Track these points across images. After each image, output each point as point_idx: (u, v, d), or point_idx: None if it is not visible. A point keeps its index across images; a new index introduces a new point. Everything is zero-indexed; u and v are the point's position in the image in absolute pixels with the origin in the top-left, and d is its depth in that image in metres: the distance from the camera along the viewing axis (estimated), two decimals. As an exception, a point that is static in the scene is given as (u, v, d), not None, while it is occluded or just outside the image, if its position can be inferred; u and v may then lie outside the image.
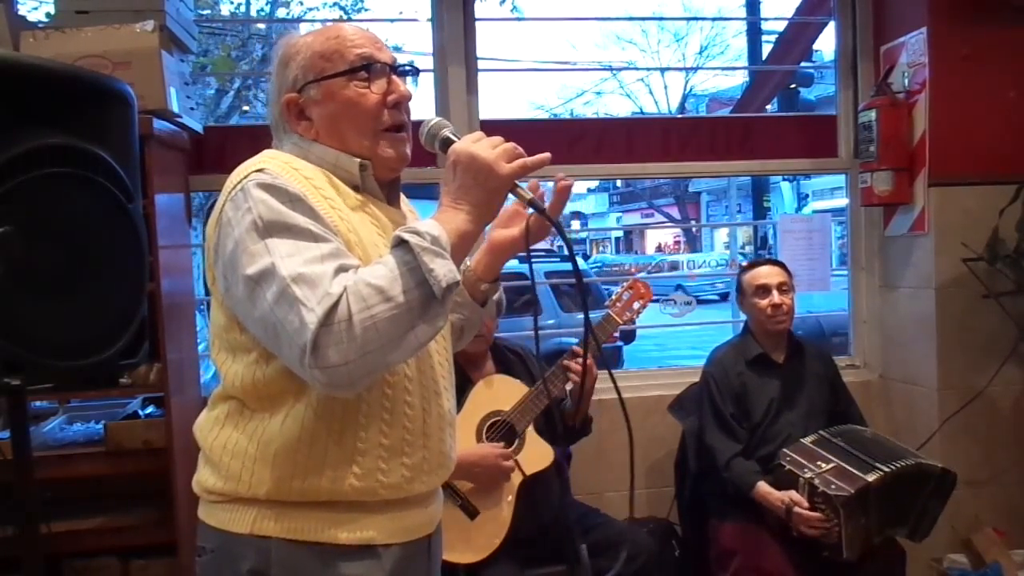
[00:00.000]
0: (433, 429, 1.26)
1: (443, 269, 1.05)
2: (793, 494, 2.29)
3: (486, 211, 1.15)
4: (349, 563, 1.18)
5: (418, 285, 1.04)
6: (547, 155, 1.19)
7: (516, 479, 2.34)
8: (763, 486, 2.37)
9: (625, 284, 2.54)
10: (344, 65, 1.22)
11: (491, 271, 1.35)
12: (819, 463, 2.31)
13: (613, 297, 2.54)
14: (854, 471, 2.26)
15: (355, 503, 1.18)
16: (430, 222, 1.10)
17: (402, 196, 1.37)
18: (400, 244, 1.07)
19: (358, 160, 1.23)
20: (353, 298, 1.02)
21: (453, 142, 1.18)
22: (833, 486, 2.23)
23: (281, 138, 1.28)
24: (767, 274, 2.59)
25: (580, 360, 2.35)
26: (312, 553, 1.17)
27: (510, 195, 1.19)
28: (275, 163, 1.18)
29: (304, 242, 1.08)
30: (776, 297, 2.54)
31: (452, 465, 1.34)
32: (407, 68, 1.29)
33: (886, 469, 2.26)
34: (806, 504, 2.26)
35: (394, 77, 1.25)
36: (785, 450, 2.40)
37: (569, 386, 2.46)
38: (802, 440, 2.42)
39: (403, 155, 1.26)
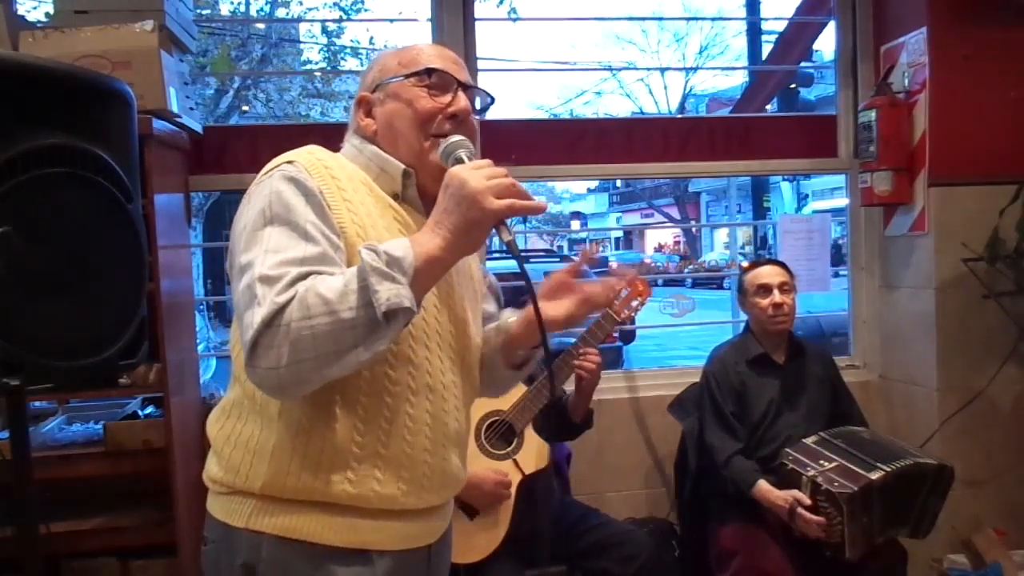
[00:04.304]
0: (437, 446, 1.24)
1: (388, 292, 1.01)
2: (796, 493, 2.28)
3: (463, 240, 1.09)
4: (339, 567, 1.18)
5: (365, 305, 1.02)
6: (544, 204, 1.18)
7: (515, 479, 2.34)
8: (763, 484, 2.36)
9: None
10: (414, 69, 1.26)
11: (530, 340, 1.34)
12: (822, 462, 2.31)
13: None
14: (857, 469, 2.26)
15: (348, 507, 1.18)
16: (400, 241, 1.08)
17: None
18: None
19: (403, 167, 1.24)
20: (298, 305, 1.02)
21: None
22: (836, 483, 2.22)
23: (348, 137, 1.32)
24: (768, 274, 2.59)
25: (588, 357, 2.38)
26: (303, 553, 1.17)
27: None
28: (308, 157, 1.20)
29: (296, 238, 1.09)
30: (777, 297, 2.54)
31: (458, 485, 1.32)
32: (481, 92, 1.31)
33: (887, 468, 2.26)
34: (809, 502, 2.25)
35: (460, 93, 1.26)
36: (787, 449, 2.39)
37: (570, 387, 2.46)
38: (804, 440, 2.42)
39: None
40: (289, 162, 1.18)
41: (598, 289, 1.30)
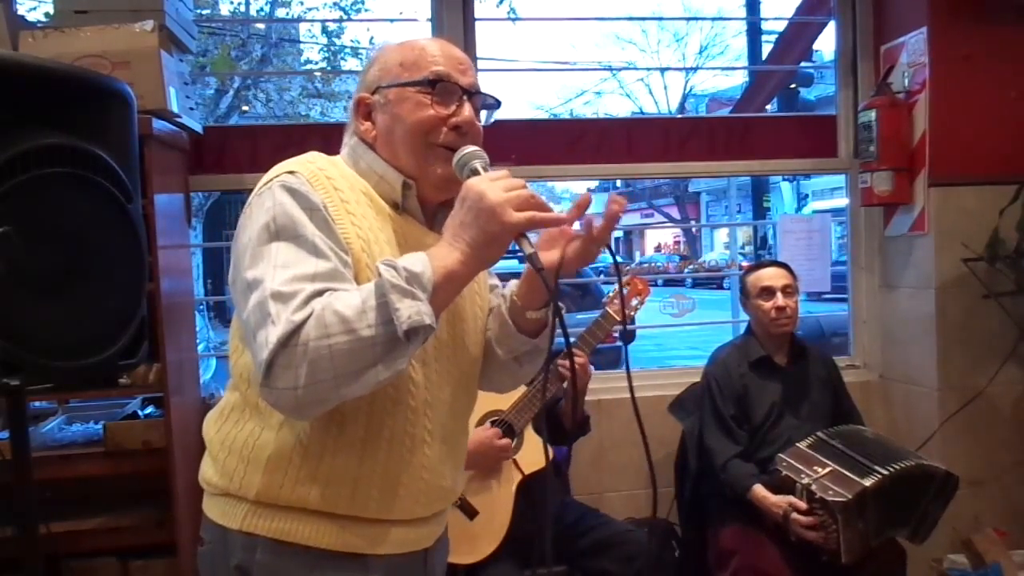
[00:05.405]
0: (434, 463, 1.23)
1: (409, 310, 0.99)
2: (791, 499, 2.28)
3: (482, 255, 1.06)
4: (334, 571, 1.17)
5: (385, 323, 1.00)
6: (564, 216, 1.13)
7: (515, 479, 2.34)
8: (759, 489, 2.36)
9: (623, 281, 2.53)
10: (417, 76, 1.20)
11: (534, 298, 1.26)
12: (816, 468, 2.29)
13: (611, 294, 2.53)
14: (851, 476, 2.24)
15: (343, 514, 1.17)
16: (418, 256, 1.05)
17: None
18: (381, 275, 1.03)
19: (403, 178, 1.21)
20: (315, 323, 1.00)
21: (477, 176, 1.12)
22: (831, 492, 2.21)
23: (347, 139, 1.28)
24: (771, 276, 2.58)
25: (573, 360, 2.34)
26: (297, 557, 1.16)
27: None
28: (310, 167, 1.16)
29: (305, 254, 1.07)
30: (780, 299, 2.53)
31: (452, 498, 1.32)
32: (487, 97, 1.26)
33: (884, 472, 2.25)
34: (804, 507, 2.25)
35: (465, 101, 1.21)
36: (781, 455, 2.38)
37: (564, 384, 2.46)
38: (798, 444, 2.40)
39: (451, 176, 1.17)
40: (290, 172, 1.14)
41: (594, 231, 1.19)
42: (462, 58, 1.25)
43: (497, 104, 1.29)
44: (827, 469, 2.28)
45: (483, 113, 1.28)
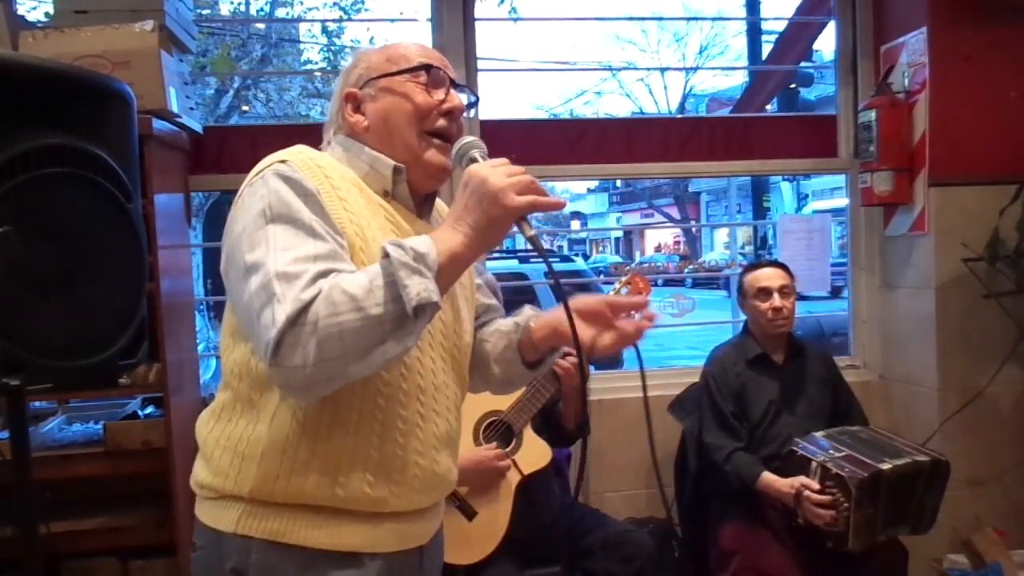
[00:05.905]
0: (428, 448, 1.23)
1: (418, 287, 1.02)
2: (803, 479, 2.29)
3: (485, 237, 1.10)
4: (330, 570, 1.17)
5: (393, 300, 1.02)
6: (563, 200, 1.19)
7: (514, 479, 2.34)
8: (768, 475, 2.37)
9: (623, 279, 2.53)
10: (407, 66, 1.26)
11: (547, 344, 1.34)
12: (831, 451, 2.32)
13: (611, 293, 2.53)
14: (866, 460, 2.27)
15: (339, 510, 1.17)
16: (422, 238, 1.08)
17: (441, 206, 1.38)
18: (386, 256, 1.05)
19: (393, 164, 1.23)
20: (323, 302, 1.01)
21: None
22: (847, 469, 2.23)
23: (330, 137, 1.30)
24: (768, 276, 2.58)
25: (569, 360, 2.32)
26: (293, 557, 1.16)
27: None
28: (300, 157, 1.19)
29: (303, 236, 1.08)
30: (777, 300, 2.54)
31: (447, 487, 1.32)
32: (467, 90, 1.32)
33: (896, 463, 2.26)
34: (817, 487, 2.26)
35: (452, 90, 1.27)
36: (796, 439, 2.40)
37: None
38: (813, 434, 2.43)
39: (446, 164, 1.25)
40: (282, 161, 1.16)
41: (630, 330, 1.30)
42: (442, 57, 1.32)
43: (476, 100, 1.36)
44: (842, 452, 2.31)
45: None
